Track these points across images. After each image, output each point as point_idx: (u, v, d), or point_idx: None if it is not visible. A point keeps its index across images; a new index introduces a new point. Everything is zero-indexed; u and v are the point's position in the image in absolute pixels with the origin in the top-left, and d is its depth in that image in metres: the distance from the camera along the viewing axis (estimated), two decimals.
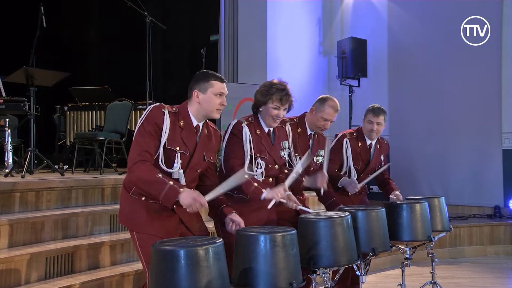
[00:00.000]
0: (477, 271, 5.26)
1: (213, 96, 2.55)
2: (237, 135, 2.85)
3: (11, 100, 5.02)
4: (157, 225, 2.50)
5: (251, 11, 7.08)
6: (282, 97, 2.85)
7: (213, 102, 2.56)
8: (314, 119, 3.36)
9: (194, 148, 2.57)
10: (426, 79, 7.42)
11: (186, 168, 2.54)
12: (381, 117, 3.73)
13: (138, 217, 2.52)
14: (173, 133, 2.50)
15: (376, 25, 8.02)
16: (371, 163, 3.81)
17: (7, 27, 7.78)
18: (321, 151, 3.45)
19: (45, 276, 3.33)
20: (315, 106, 3.38)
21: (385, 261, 5.24)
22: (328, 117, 3.33)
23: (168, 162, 2.49)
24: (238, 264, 2.26)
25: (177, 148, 2.50)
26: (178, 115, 2.55)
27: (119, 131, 5.92)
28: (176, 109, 2.57)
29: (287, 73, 6.83)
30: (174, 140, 2.50)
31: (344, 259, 2.64)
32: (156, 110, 2.51)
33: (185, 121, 2.56)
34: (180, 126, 2.54)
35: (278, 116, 2.88)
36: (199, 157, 2.60)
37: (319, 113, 3.34)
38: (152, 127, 2.47)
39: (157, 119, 2.48)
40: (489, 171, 6.91)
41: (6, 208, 3.69)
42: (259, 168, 2.84)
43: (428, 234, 3.46)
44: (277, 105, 2.86)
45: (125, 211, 2.60)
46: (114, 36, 8.40)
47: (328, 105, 3.33)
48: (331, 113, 3.33)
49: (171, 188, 2.35)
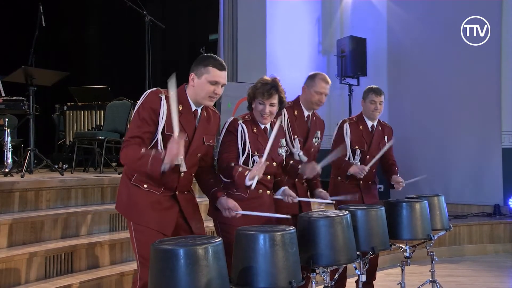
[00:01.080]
0: (476, 270, 5.26)
1: (206, 83, 2.47)
2: (232, 131, 2.85)
3: (11, 100, 5.01)
4: (155, 217, 2.48)
5: (251, 10, 7.08)
6: (265, 91, 2.83)
7: (205, 89, 2.48)
8: (309, 96, 3.37)
9: (193, 133, 2.54)
10: (426, 78, 7.42)
11: (186, 153, 2.50)
12: (382, 96, 3.87)
13: (137, 207, 2.49)
14: (171, 118, 2.43)
15: (376, 24, 8.02)
16: (374, 144, 3.84)
17: (6, 26, 7.77)
18: (318, 132, 3.46)
19: (44, 275, 3.33)
20: (306, 84, 3.40)
21: (384, 259, 5.24)
22: (321, 90, 3.34)
23: (167, 147, 2.45)
24: (238, 263, 2.26)
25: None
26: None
27: (119, 131, 5.92)
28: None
29: (287, 72, 6.83)
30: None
31: (343, 258, 2.65)
32: (153, 95, 2.47)
33: (183, 105, 2.51)
34: (178, 110, 2.47)
35: (264, 111, 2.86)
36: (199, 142, 2.57)
37: (312, 88, 3.35)
38: (147, 113, 2.42)
39: (154, 104, 2.44)
40: (488, 169, 6.92)
41: (5, 208, 3.69)
42: (253, 165, 2.83)
43: (427, 233, 3.46)
44: (261, 100, 2.85)
45: (123, 200, 2.57)
46: (113, 35, 8.40)
47: (319, 78, 3.36)
48: (323, 85, 3.35)
49: (154, 157, 2.30)
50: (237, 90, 6.03)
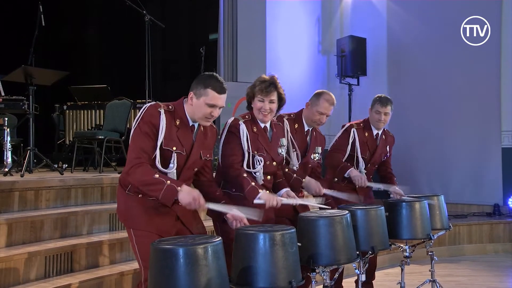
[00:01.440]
0: (476, 269, 5.26)
1: (204, 105, 2.47)
2: (235, 132, 2.84)
3: (10, 99, 5.01)
4: (154, 222, 2.48)
5: (250, 9, 7.07)
6: (263, 88, 2.83)
7: (202, 111, 2.48)
8: (310, 114, 3.37)
9: (191, 147, 2.55)
10: (426, 78, 7.42)
11: (183, 167, 2.52)
12: (389, 107, 3.75)
13: (134, 214, 2.50)
14: (169, 132, 2.46)
15: (376, 23, 8.01)
16: (377, 153, 3.83)
17: (6, 26, 7.77)
18: (318, 148, 3.45)
19: (44, 275, 3.32)
20: (311, 101, 3.39)
21: (384, 259, 5.24)
22: (324, 111, 3.33)
23: (164, 162, 2.46)
24: (238, 263, 2.26)
25: (173, 148, 2.47)
26: (174, 113, 2.51)
27: (119, 130, 5.92)
28: (172, 107, 2.52)
29: (287, 72, 6.84)
30: (171, 139, 2.47)
31: (343, 257, 2.65)
32: (152, 109, 2.47)
33: (181, 120, 2.52)
34: (176, 125, 2.49)
35: (264, 109, 2.86)
36: (196, 156, 2.58)
37: (314, 107, 3.34)
38: (148, 127, 2.43)
39: (153, 119, 2.44)
40: (488, 169, 6.91)
41: (5, 207, 3.69)
42: (257, 165, 2.83)
43: (427, 233, 3.47)
44: (260, 97, 2.85)
45: (121, 208, 2.59)
46: (113, 35, 8.40)
47: (324, 98, 3.34)
48: (327, 106, 3.33)
49: (168, 188, 2.32)
50: (237, 90, 6.02)
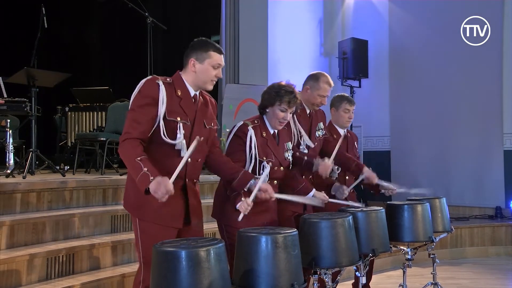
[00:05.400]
0: (478, 272, 5.25)
1: (210, 68, 2.50)
2: (242, 137, 2.82)
3: (13, 101, 5.02)
4: (162, 213, 2.44)
5: (252, 11, 7.08)
6: (290, 99, 2.84)
7: (209, 74, 2.51)
8: (311, 97, 3.38)
9: (194, 117, 2.54)
10: (427, 79, 7.41)
11: (189, 138, 2.49)
12: (354, 105, 3.87)
13: (143, 204, 2.45)
14: (171, 103, 2.45)
15: (377, 26, 8.01)
16: (349, 153, 3.80)
17: (9, 28, 7.80)
18: (320, 124, 3.47)
19: (45, 277, 3.33)
20: (310, 85, 3.39)
21: (386, 262, 5.23)
22: (325, 93, 3.38)
23: (170, 133, 2.44)
24: (240, 265, 2.25)
25: (178, 119, 2.45)
26: (173, 85, 2.50)
27: (120, 132, 5.89)
28: (170, 80, 2.53)
29: (288, 74, 6.78)
30: (174, 110, 2.45)
31: (345, 260, 2.64)
32: (150, 82, 2.46)
33: (182, 90, 2.52)
34: (178, 95, 2.49)
35: (285, 118, 2.88)
36: (200, 125, 2.57)
37: (315, 91, 3.36)
38: (145, 100, 2.41)
39: (151, 92, 2.43)
40: (490, 172, 6.91)
41: (7, 209, 3.69)
42: (263, 171, 2.82)
43: (429, 235, 3.45)
44: (285, 107, 2.85)
45: (130, 196, 2.54)
46: (115, 37, 8.42)
47: (323, 81, 3.37)
48: (327, 88, 3.38)
49: (143, 175, 2.28)
50: (239, 92, 6.02)
